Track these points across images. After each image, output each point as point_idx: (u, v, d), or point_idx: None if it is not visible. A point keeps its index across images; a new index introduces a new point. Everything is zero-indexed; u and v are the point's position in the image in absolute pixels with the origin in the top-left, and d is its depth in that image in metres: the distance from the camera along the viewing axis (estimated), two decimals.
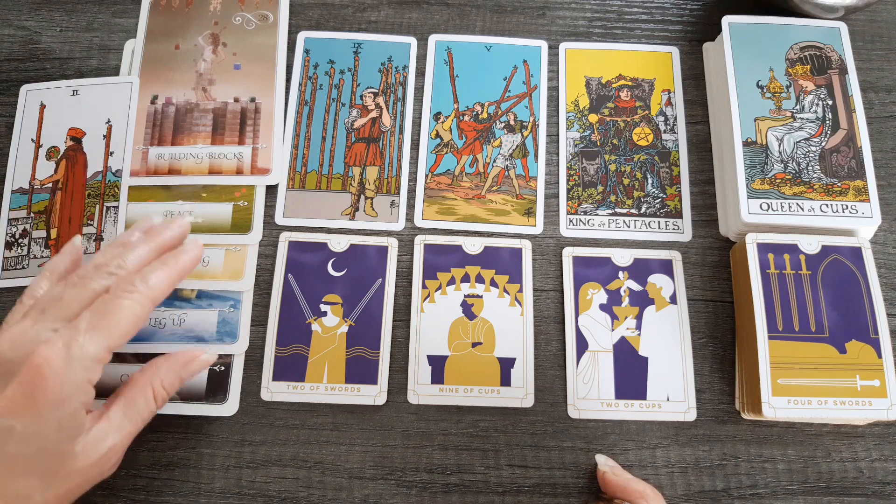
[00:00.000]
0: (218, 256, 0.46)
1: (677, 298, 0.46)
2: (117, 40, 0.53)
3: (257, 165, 0.48)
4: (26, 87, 0.50)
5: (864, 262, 0.43)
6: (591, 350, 0.45)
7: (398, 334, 0.45)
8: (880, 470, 0.43)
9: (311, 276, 0.46)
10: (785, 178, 0.45)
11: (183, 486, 0.42)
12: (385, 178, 0.49)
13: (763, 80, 0.48)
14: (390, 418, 0.44)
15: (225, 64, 0.51)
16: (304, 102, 0.51)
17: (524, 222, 0.48)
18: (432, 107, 0.51)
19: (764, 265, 0.43)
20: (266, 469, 0.42)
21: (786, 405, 0.40)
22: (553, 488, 0.42)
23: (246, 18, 0.52)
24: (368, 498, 0.42)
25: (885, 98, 0.52)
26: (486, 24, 0.54)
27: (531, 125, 0.51)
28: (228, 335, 0.45)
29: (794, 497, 0.42)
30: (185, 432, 0.43)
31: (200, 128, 0.49)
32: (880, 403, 0.40)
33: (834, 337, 0.42)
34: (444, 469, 0.43)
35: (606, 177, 0.50)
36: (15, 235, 0.47)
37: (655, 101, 0.52)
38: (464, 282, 0.46)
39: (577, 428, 0.44)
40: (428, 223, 0.48)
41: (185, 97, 0.50)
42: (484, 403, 0.44)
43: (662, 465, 0.43)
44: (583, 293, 0.46)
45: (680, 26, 0.54)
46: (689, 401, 0.44)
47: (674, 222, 0.48)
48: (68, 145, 0.49)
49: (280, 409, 0.44)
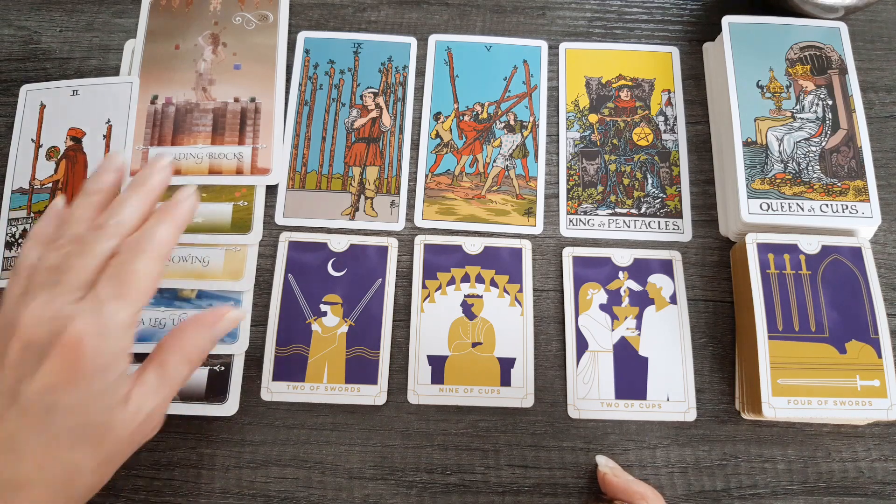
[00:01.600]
0: (218, 256, 0.46)
1: (677, 298, 0.46)
2: (117, 40, 0.53)
3: (257, 165, 0.48)
4: (26, 87, 0.50)
5: (864, 262, 0.43)
6: (591, 350, 0.45)
7: (398, 334, 0.45)
8: (880, 470, 0.43)
9: (311, 276, 0.46)
10: (785, 178, 0.45)
11: (183, 486, 0.42)
12: (385, 178, 0.49)
13: (763, 80, 0.48)
14: (390, 418, 0.44)
15: (225, 64, 0.51)
16: (304, 102, 0.51)
17: (524, 222, 0.48)
18: (432, 107, 0.51)
19: (764, 265, 0.43)
20: (266, 469, 0.42)
21: (786, 405, 0.40)
22: (553, 488, 0.42)
23: (246, 18, 0.52)
24: (368, 498, 0.42)
25: (885, 98, 0.52)
26: (486, 24, 0.54)
27: (531, 125, 0.51)
28: (228, 335, 0.44)
29: (794, 497, 0.42)
30: (185, 432, 0.43)
31: (200, 128, 0.49)
32: (880, 403, 0.40)
33: (834, 337, 0.42)
34: (444, 469, 0.43)
35: (606, 177, 0.50)
36: (15, 235, 0.47)
37: (655, 101, 0.52)
38: (464, 282, 0.46)
39: (577, 428, 0.44)
40: (428, 223, 0.48)
41: (185, 97, 0.50)
42: (484, 403, 0.44)
43: (662, 465, 0.43)
44: (583, 293, 0.46)
45: (680, 26, 0.54)
46: (689, 401, 0.44)
47: (674, 222, 0.48)
48: (68, 145, 0.49)
49: (280, 409, 0.44)
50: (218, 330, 0.37)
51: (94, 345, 0.31)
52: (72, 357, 0.30)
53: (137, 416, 0.33)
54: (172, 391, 0.35)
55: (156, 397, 0.33)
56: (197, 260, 0.46)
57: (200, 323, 0.36)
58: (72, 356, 0.30)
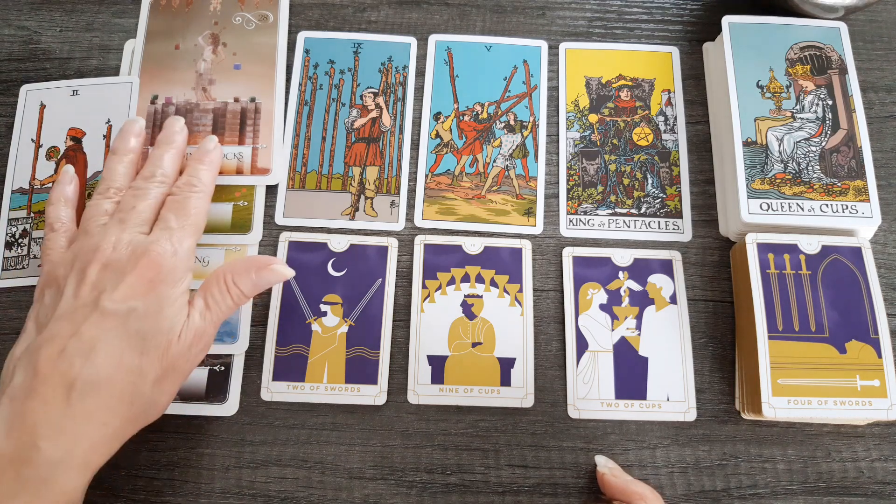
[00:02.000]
0: (218, 256, 0.46)
1: (677, 298, 0.46)
2: (117, 40, 0.53)
3: (257, 165, 0.48)
4: (26, 87, 0.50)
5: (864, 262, 0.43)
6: (591, 350, 0.45)
7: (398, 334, 0.45)
8: (880, 470, 0.43)
9: (311, 276, 0.46)
10: (785, 178, 0.45)
11: (183, 486, 0.42)
12: (385, 178, 0.49)
13: (763, 80, 0.48)
14: (390, 418, 0.44)
15: (225, 64, 0.51)
16: (304, 102, 0.51)
17: (524, 222, 0.48)
18: (432, 107, 0.51)
19: (764, 265, 0.43)
20: (266, 469, 0.42)
21: (786, 405, 0.40)
22: (553, 488, 0.42)
23: (246, 18, 0.52)
24: (368, 498, 0.42)
25: (885, 98, 0.52)
26: (486, 24, 0.54)
27: (531, 125, 0.51)
28: (228, 335, 0.45)
29: (794, 497, 0.42)
30: (185, 432, 0.43)
31: (200, 128, 0.49)
32: (880, 403, 0.40)
33: (834, 337, 0.42)
34: (444, 469, 0.43)
35: (606, 177, 0.50)
36: (15, 235, 0.47)
37: (655, 101, 0.52)
38: (464, 282, 0.46)
39: (577, 428, 0.44)
40: (428, 223, 0.48)
41: (185, 97, 0.50)
42: (484, 403, 0.44)
43: (662, 465, 0.43)
44: (583, 293, 0.46)
45: (680, 26, 0.54)
46: (689, 401, 0.44)
47: (674, 222, 0.48)
48: (68, 145, 0.49)
49: (280, 409, 0.44)
50: (261, 277, 0.40)
51: (170, 263, 0.37)
52: (152, 272, 0.36)
53: (190, 333, 0.37)
54: (217, 318, 0.39)
55: (202, 319, 0.38)
56: (197, 260, 0.46)
57: (248, 262, 0.40)
58: (152, 272, 0.36)
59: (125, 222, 0.39)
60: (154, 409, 0.37)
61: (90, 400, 0.33)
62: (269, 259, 0.41)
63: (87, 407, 0.33)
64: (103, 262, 0.37)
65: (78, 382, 0.33)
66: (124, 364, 0.35)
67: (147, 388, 0.35)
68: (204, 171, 0.43)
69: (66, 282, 0.37)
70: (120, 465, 0.42)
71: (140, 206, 0.40)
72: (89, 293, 0.36)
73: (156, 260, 0.37)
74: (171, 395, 0.37)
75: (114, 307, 0.35)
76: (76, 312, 0.35)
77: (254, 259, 0.40)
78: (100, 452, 0.34)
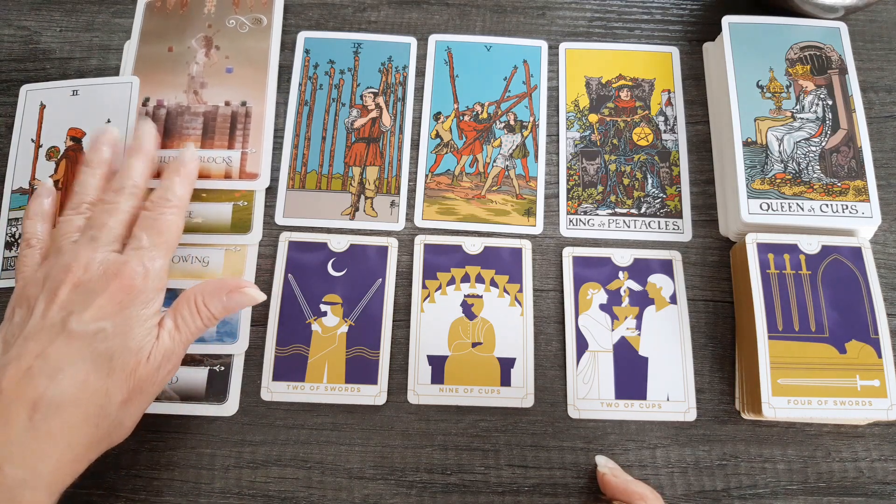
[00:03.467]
0: (218, 256, 0.46)
1: (677, 298, 0.46)
2: (117, 40, 0.53)
3: (246, 170, 0.48)
4: (26, 87, 0.50)
5: (864, 262, 0.43)
6: (591, 350, 0.45)
7: (398, 334, 0.45)
8: (880, 470, 0.43)
9: (311, 276, 0.46)
10: (785, 178, 0.45)
11: (183, 486, 0.42)
12: (385, 178, 0.49)
13: (763, 80, 0.48)
14: (390, 418, 0.44)
15: (217, 67, 0.51)
16: (304, 102, 0.51)
17: (524, 222, 0.48)
18: (432, 107, 0.51)
19: (764, 265, 0.43)
20: (266, 469, 0.42)
21: (786, 405, 0.40)
22: (553, 488, 0.42)
23: (239, 21, 0.52)
24: (368, 498, 0.42)
25: (885, 98, 0.52)
26: (486, 24, 0.54)
27: (531, 125, 0.51)
28: (228, 335, 0.45)
29: (794, 497, 0.42)
30: (185, 432, 0.43)
31: (190, 131, 0.49)
32: (880, 403, 0.40)
33: (834, 337, 0.42)
34: (444, 469, 0.43)
35: (606, 177, 0.50)
36: (15, 235, 0.47)
37: (655, 101, 0.52)
38: (464, 282, 0.46)
39: (577, 428, 0.44)
40: (428, 223, 0.48)
41: (176, 100, 0.50)
42: (484, 403, 0.44)
43: (662, 465, 0.43)
44: (583, 293, 0.46)
45: (680, 26, 0.54)
46: (689, 401, 0.44)
47: (674, 222, 0.48)
48: (68, 145, 0.49)
49: (280, 409, 0.44)
50: (232, 300, 0.40)
51: (141, 284, 0.37)
52: (123, 294, 0.36)
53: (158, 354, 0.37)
54: (186, 339, 0.39)
55: (171, 341, 0.38)
56: (197, 260, 0.46)
57: (218, 285, 0.40)
58: (123, 294, 0.36)
59: (96, 240, 0.38)
60: (119, 430, 0.36)
61: (54, 421, 0.33)
62: (240, 282, 0.40)
63: (52, 428, 0.33)
64: (74, 283, 0.36)
65: (42, 403, 0.33)
66: (90, 385, 0.34)
67: (113, 410, 0.35)
68: (179, 183, 0.41)
69: (36, 301, 0.36)
70: (120, 465, 0.42)
71: (111, 222, 0.39)
72: (57, 313, 0.35)
73: (127, 283, 0.36)
74: (135, 418, 0.37)
75: (82, 328, 0.35)
76: (43, 332, 0.35)
77: (225, 281, 0.40)
78: (65, 473, 0.34)
